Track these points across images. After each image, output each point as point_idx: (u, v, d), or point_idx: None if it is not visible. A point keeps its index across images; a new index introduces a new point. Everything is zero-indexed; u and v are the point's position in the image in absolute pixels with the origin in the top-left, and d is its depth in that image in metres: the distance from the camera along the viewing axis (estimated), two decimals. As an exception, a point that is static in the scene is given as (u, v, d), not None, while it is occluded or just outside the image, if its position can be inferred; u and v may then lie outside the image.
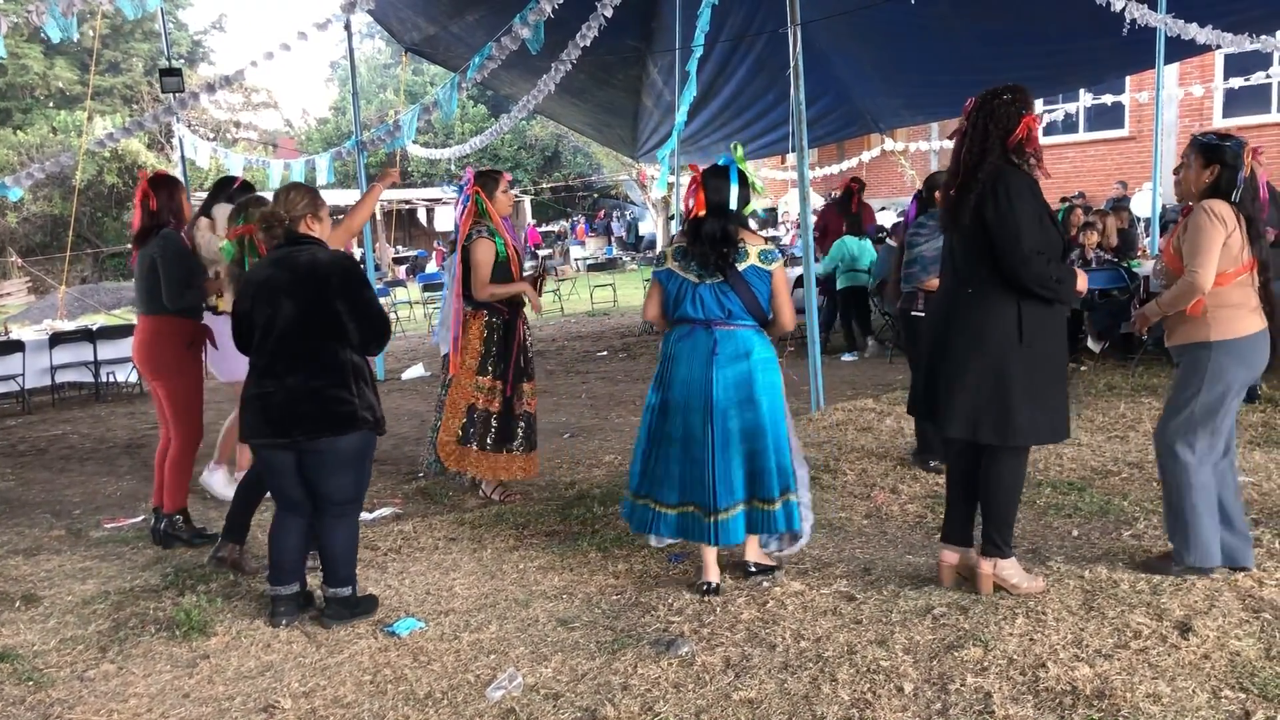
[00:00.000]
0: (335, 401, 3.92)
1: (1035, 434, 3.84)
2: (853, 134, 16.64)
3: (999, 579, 3.92)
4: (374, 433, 4.06)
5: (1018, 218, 3.63)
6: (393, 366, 11.43)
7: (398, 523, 5.44)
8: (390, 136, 11.11)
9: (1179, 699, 3.07)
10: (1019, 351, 3.71)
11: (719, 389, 4.04)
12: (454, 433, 5.59)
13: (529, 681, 3.47)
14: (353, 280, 4.00)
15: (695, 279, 4.07)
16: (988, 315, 3.74)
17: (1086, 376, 8.31)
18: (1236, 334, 3.82)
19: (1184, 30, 8.96)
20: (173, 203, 5.23)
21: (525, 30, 8.42)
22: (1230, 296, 3.83)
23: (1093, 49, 10.85)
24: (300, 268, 3.95)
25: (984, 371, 3.73)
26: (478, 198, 5.55)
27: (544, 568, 4.60)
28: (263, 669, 3.71)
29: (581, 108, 15.69)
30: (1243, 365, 3.85)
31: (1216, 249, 3.77)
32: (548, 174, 36.93)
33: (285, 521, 4.10)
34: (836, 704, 3.18)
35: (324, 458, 3.95)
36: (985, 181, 3.68)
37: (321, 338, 3.94)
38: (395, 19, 12.65)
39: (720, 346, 4.05)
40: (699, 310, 4.08)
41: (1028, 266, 3.63)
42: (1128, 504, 4.98)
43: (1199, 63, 16.64)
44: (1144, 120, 18.11)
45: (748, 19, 11.75)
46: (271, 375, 3.95)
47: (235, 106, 38.94)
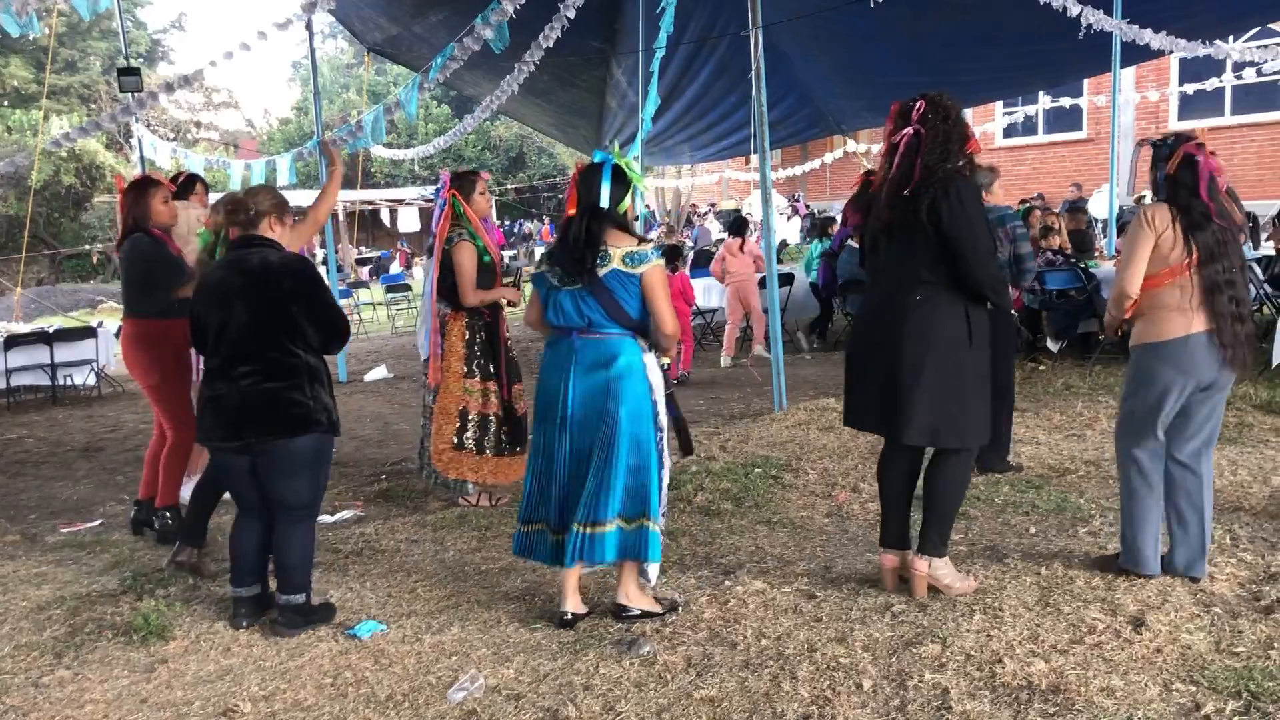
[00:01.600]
0: (289, 404, 3.90)
1: (983, 434, 3.90)
2: (815, 135, 16.77)
3: (933, 579, 3.94)
4: (330, 435, 4.05)
5: (974, 221, 3.68)
6: (355, 368, 11.37)
7: (359, 525, 5.41)
8: (352, 137, 11.03)
9: (1132, 693, 3.12)
10: (969, 354, 3.75)
11: (573, 403, 3.82)
12: (448, 439, 5.44)
13: (491, 683, 3.47)
14: (307, 282, 3.98)
15: (557, 284, 3.86)
16: (940, 320, 3.73)
17: (1045, 376, 8.42)
18: (1163, 336, 3.83)
19: (1138, 36, 9.10)
20: (138, 207, 5.19)
21: (488, 31, 8.40)
22: (1161, 298, 3.84)
23: (1051, 52, 10.99)
24: (253, 270, 3.92)
25: (943, 377, 3.73)
26: (454, 200, 5.46)
27: (506, 569, 4.60)
28: (222, 673, 3.69)
29: (546, 108, 15.69)
30: (1174, 368, 3.82)
31: (1143, 254, 3.83)
32: (513, 175, 36.88)
33: (245, 522, 4.08)
34: (797, 701, 3.21)
35: (278, 460, 3.93)
36: (938, 187, 3.68)
37: (275, 340, 3.91)
38: (357, 19, 12.59)
39: (578, 356, 3.82)
40: (559, 317, 3.86)
41: (985, 269, 3.69)
42: (1084, 501, 5.05)
43: (1154, 67, 16.91)
44: (1101, 123, 18.35)
45: (710, 21, 11.81)
46: (225, 378, 3.92)
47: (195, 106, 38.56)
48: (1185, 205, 3.82)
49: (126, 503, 6.16)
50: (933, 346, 3.72)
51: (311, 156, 11.72)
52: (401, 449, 7.36)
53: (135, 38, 34.57)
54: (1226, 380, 3.90)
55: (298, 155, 12.21)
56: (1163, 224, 3.81)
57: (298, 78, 45.90)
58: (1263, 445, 5.92)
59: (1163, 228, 3.81)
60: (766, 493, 5.50)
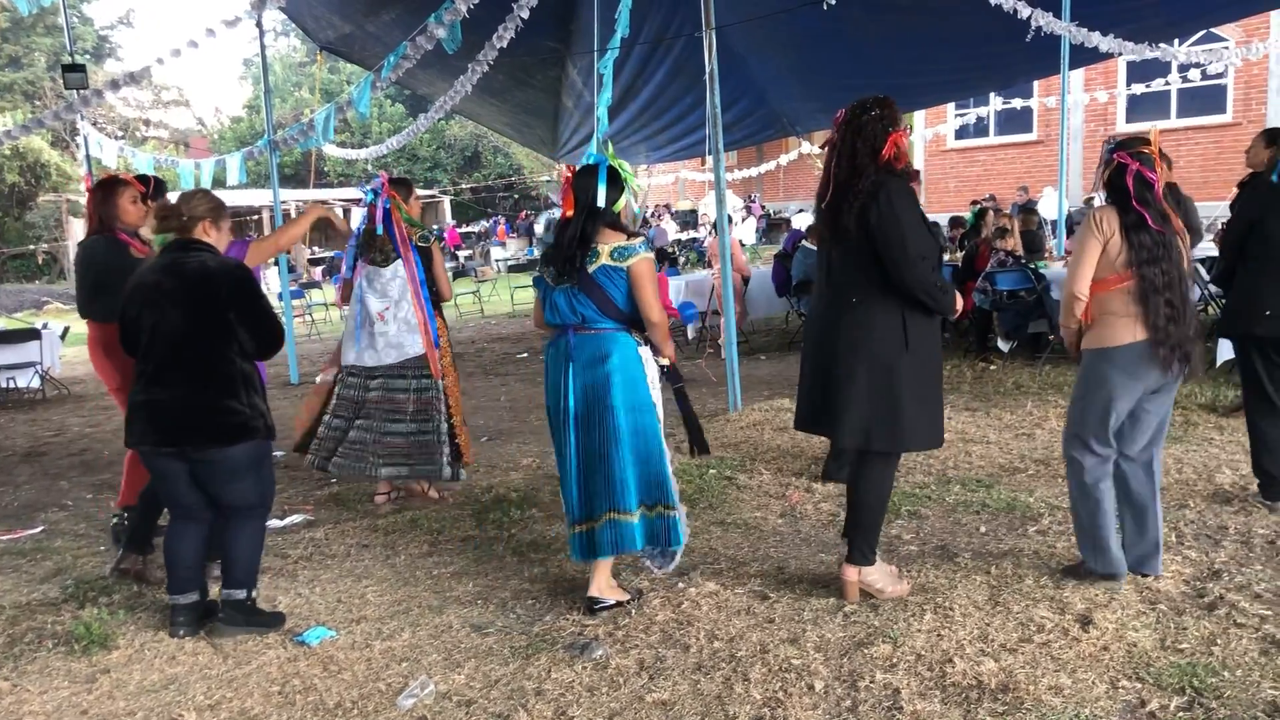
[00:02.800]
0: (225, 412, 3.85)
1: (918, 439, 3.91)
2: (770, 137, 16.80)
3: (865, 584, 3.96)
4: (266, 440, 4.00)
5: (903, 224, 3.66)
6: (307, 370, 11.22)
7: (309, 530, 5.34)
8: (304, 136, 10.91)
9: (1079, 690, 3.16)
10: (905, 359, 3.75)
11: (574, 399, 3.91)
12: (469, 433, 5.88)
13: (441, 689, 3.44)
14: (244, 289, 3.93)
15: (552, 283, 3.96)
16: (874, 324, 3.75)
17: (995, 376, 8.51)
18: (1114, 342, 3.85)
19: (1087, 38, 9.20)
20: (105, 207, 5.09)
21: (441, 30, 8.34)
22: (1111, 304, 3.87)
23: (1001, 54, 11.09)
24: (189, 275, 3.86)
25: (874, 380, 3.75)
26: (397, 203, 5.58)
27: (458, 573, 4.56)
28: (166, 682, 3.62)
29: (501, 108, 15.60)
30: (1123, 373, 3.85)
31: (1091, 256, 3.86)
32: (467, 174, 36.69)
33: (180, 529, 4.01)
34: (749, 703, 3.21)
35: (216, 468, 3.88)
36: (867, 192, 3.69)
37: (211, 346, 3.85)
38: (309, 17, 12.44)
39: (575, 352, 3.92)
40: (555, 315, 3.97)
41: (914, 271, 3.66)
42: (1034, 500, 5.10)
43: (1103, 69, 17.16)
44: (1051, 124, 18.57)
45: (666, 22, 11.79)
46: (159, 383, 3.85)
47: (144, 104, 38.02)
48: (1125, 209, 3.86)
49: (70, 509, 6.04)
50: (867, 350, 3.75)
51: (263, 156, 11.58)
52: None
53: (81, 34, 33.99)
54: (1175, 380, 3.93)
55: (248, 154, 12.06)
56: (1110, 228, 3.84)
57: (249, 75, 45.36)
58: (1207, 443, 6.01)
59: (1110, 232, 3.84)
60: (721, 493, 5.51)
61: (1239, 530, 4.53)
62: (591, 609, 3.98)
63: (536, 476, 6.17)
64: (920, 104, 17.49)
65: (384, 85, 9.41)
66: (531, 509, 5.46)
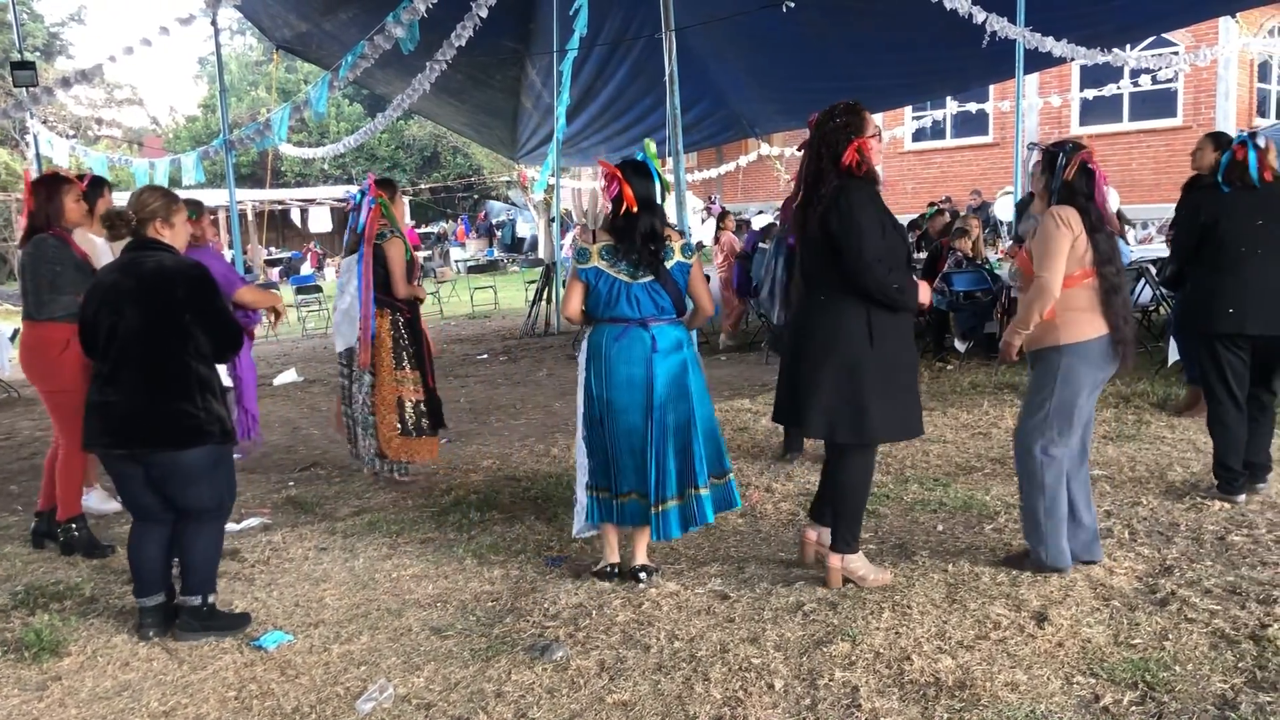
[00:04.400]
0: (178, 415, 3.80)
1: (888, 431, 3.99)
2: (730, 138, 16.88)
3: (848, 572, 4.06)
4: (223, 444, 3.95)
5: (860, 228, 3.77)
6: (264, 371, 11.11)
7: (266, 533, 5.29)
8: (260, 135, 10.81)
9: (1035, 686, 3.19)
10: (870, 354, 3.84)
11: (660, 386, 4.09)
12: (394, 427, 5.91)
13: (400, 692, 3.42)
14: (202, 289, 3.88)
15: (628, 278, 4.08)
16: (839, 321, 3.87)
17: (952, 375, 8.59)
18: (1084, 337, 3.96)
19: (1041, 43, 9.34)
20: (50, 205, 4.99)
21: (399, 29, 8.29)
22: (1077, 300, 3.96)
23: (958, 58, 11.22)
24: (146, 275, 3.81)
25: (838, 374, 3.86)
26: (383, 200, 5.85)
27: (418, 576, 4.54)
28: (120, 689, 3.56)
29: (460, 108, 15.55)
30: (1091, 366, 3.98)
31: (1064, 253, 3.92)
32: (426, 174, 36.49)
33: (143, 531, 3.96)
34: (709, 703, 3.21)
35: (170, 471, 3.83)
36: (829, 196, 3.82)
37: (167, 348, 3.80)
38: (265, 15, 12.33)
39: (659, 344, 4.10)
40: (635, 309, 4.10)
41: (869, 274, 3.77)
42: (990, 498, 5.16)
43: (1057, 73, 17.38)
44: (1007, 128, 18.79)
45: (625, 23, 11.81)
46: (114, 384, 3.80)
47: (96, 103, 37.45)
48: (1084, 209, 3.94)
49: (21, 514, 5.93)
50: (833, 347, 3.88)
51: (218, 155, 11.45)
52: (311, 454, 7.23)
53: (31, 30, 33.38)
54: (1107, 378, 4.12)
55: (204, 154, 11.93)
56: (1077, 226, 3.93)
57: (205, 74, 44.83)
58: (1159, 442, 6.11)
59: (1078, 230, 3.92)
60: (681, 494, 5.51)
61: (1190, 527, 4.61)
62: (649, 575, 4.24)
63: (497, 478, 6.15)
64: (878, 107, 17.59)
65: (341, 85, 9.33)
66: (492, 511, 5.44)
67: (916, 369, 4.11)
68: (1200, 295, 5.01)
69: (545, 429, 7.57)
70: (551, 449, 6.81)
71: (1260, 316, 4.84)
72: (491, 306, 17.86)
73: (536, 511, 5.39)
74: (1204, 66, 16.41)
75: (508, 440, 7.26)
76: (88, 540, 5.04)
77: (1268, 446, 5.08)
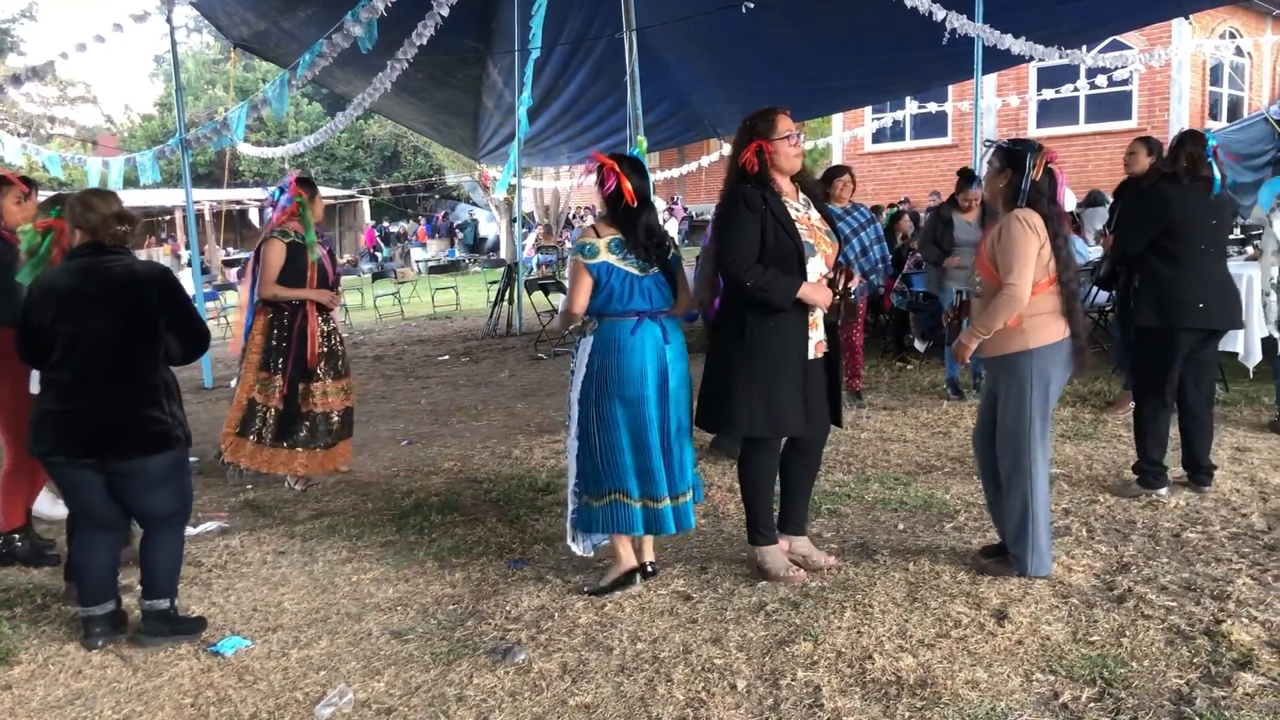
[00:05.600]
0: (149, 421, 3.74)
1: (756, 427, 4.07)
2: (692, 139, 16.90)
3: (757, 564, 4.22)
4: (185, 448, 3.90)
5: (726, 228, 4.00)
6: (221, 373, 10.97)
7: (223, 538, 5.22)
8: (217, 135, 10.67)
9: (995, 684, 3.22)
10: (741, 350, 4.01)
11: (675, 378, 4.12)
12: (234, 424, 5.95)
13: (360, 697, 3.38)
14: (174, 293, 3.83)
15: (639, 271, 4.08)
16: (722, 317, 4.12)
17: (912, 375, 8.66)
18: (1052, 340, 3.96)
19: (999, 40, 9.41)
20: None
21: (357, 28, 8.22)
22: (1043, 304, 3.95)
23: (917, 59, 11.30)
24: (115, 279, 3.74)
25: (714, 368, 4.11)
26: (302, 200, 5.85)
27: (378, 579, 4.49)
28: (72, 697, 3.50)
29: (420, 107, 15.45)
30: (1059, 369, 4.01)
31: (1032, 260, 3.87)
32: (387, 174, 36.24)
33: (90, 539, 3.88)
34: (672, 704, 3.21)
35: (135, 479, 3.76)
36: (721, 196, 4.10)
37: (136, 352, 3.73)
38: (222, 13, 12.17)
39: (671, 336, 4.14)
40: (648, 302, 4.09)
41: (727, 271, 4.00)
42: (950, 497, 5.20)
43: (1015, 74, 17.55)
44: (966, 129, 18.96)
45: (587, 22, 11.79)
46: (78, 392, 3.70)
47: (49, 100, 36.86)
48: (1047, 213, 3.94)
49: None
50: (715, 341, 4.14)
51: (174, 154, 11.28)
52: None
53: (-18, 27, 32.81)
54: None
55: (159, 153, 11.74)
56: (1043, 232, 3.91)
57: (161, 72, 44.24)
58: (1116, 440, 6.18)
59: (1044, 236, 3.91)
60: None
61: (1146, 524, 4.67)
62: (647, 574, 4.23)
63: (458, 481, 6.11)
64: (838, 107, 17.74)
65: (300, 83, 9.25)
66: (453, 513, 5.41)
67: (802, 366, 4.04)
68: (1165, 290, 4.99)
69: (507, 430, 7.53)
70: (513, 451, 6.78)
71: (1219, 312, 4.97)
72: (453, 307, 17.77)
73: (498, 514, 5.36)
74: (1158, 69, 16.67)
75: (469, 442, 7.22)
76: (29, 551, 4.91)
77: (1209, 449, 5.16)
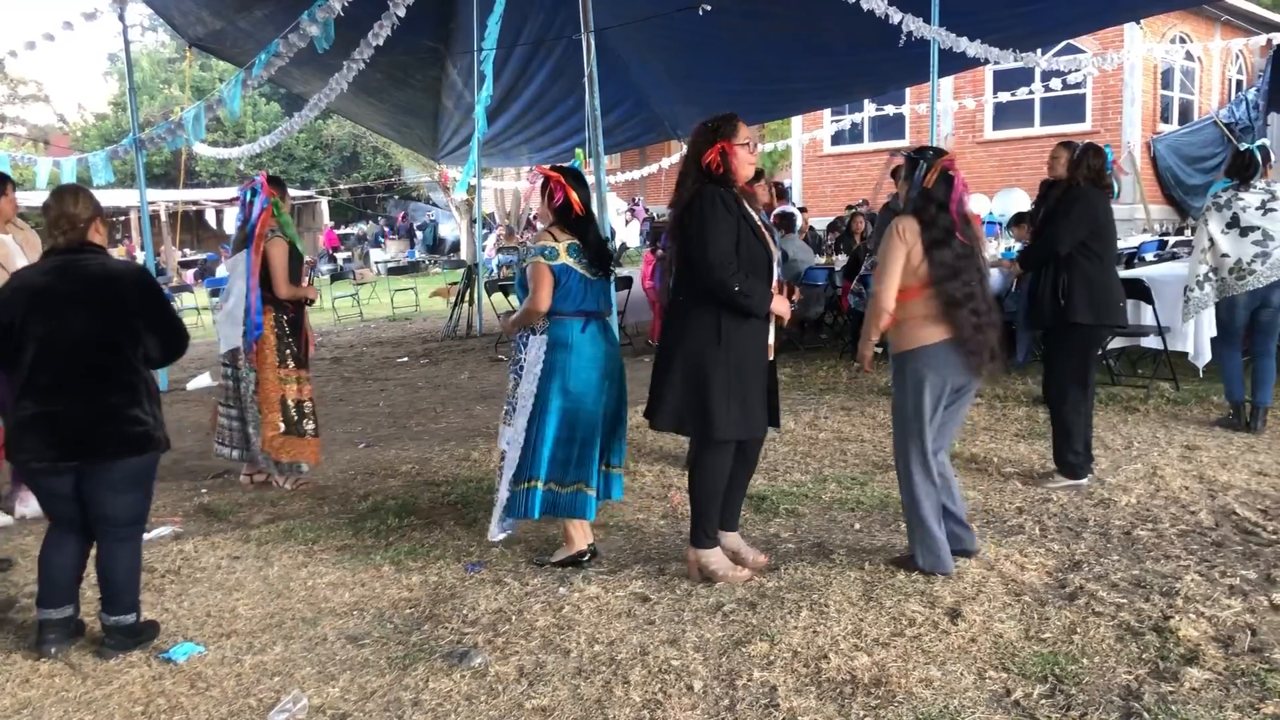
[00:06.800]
0: (132, 421, 3.68)
1: (732, 430, 4.08)
2: (652, 140, 16.92)
3: (701, 566, 4.19)
4: (160, 453, 3.85)
5: (706, 230, 3.93)
6: (177, 376, 10.84)
7: (177, 542, 5.15)
8: (172, 135, 10.53)
9: (949, 682, 3.25)
10: (717, 354, 3.98)
11: (616, 371, 4.49)
12: (277, 426, 5.94)
13: (315, 703, 3.35)
14: (153, 292, 3.80)
15: (591, 275, 4.39)
16: (691, 321, 4.04)
17: (869, 376, 8.70)
18: (924, 342, 4.03)
19: (955, 43, 9.50)
20: None
21: (314, 28, 8.15)
22: (915, 309, 4.04)
23: (875, 61, 11.37)
24: (93, 278, 3.68)
25: (686, 373, 4.03)
26: (275, 201, 5.89)
27: (334, 584, 4.46)
28: (19, 707, 3.44)
29: (379, 108, 15.34)
30: (932, 370, 4.03)
31: (896, 268, 4.01)
32: (346, 175, 35.97)
33: (61, 539, 3.80)
34: (628, 706, 3.21)
35: (112, 480, 3.69)
36: (685, 199, 4.01)
37: (117, 353, 3.67)
38: (177, 12, 12.03)
39: (609, 334, 4.50)
40: (599, 304, 4.43)
41: (710, 274, 3.93)
42: (906, 497, 5.23)
43: (971, 77, 17.71)
44: (923, 131, 19.09)
45: (547, 23, 11.77)
46: (57, 394, 3.62)
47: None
48: (930, 220, 3.99)
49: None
50: (683, 345, 4.06)
51: (128, 154, 11.13)
52: (225, 460, 7.05)
53: (-70, 24, 32.19)
54: (974, 384, 4.17)
55: (113, 153, 11.58)
56: (913, 238, 4.00)
57: (115, 71, 43.61)
58: (1069, 439, 6.25)
59: (913, 241, 3.99)
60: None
61: (1098, 522, 4.73)
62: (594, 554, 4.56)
63: (416, 484, 6.08)
64: (797, 109, 17.83)
65: (256, 83, 9.15)
66: (410, 516, 5.37)
67: (765, 369, 4.17)
68: (1096, 290, 5.18)
69: (466, 433, 7.50)
70: (472, 453, 6.75)
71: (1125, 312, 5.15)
72: (413, 308, 17.67)
73: (456, 517, 5.34)
74: (1111, 73, 16.91)
75: (427, 445, 7.18)
76: None
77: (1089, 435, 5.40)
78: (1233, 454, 5.77)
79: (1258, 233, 5.99)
